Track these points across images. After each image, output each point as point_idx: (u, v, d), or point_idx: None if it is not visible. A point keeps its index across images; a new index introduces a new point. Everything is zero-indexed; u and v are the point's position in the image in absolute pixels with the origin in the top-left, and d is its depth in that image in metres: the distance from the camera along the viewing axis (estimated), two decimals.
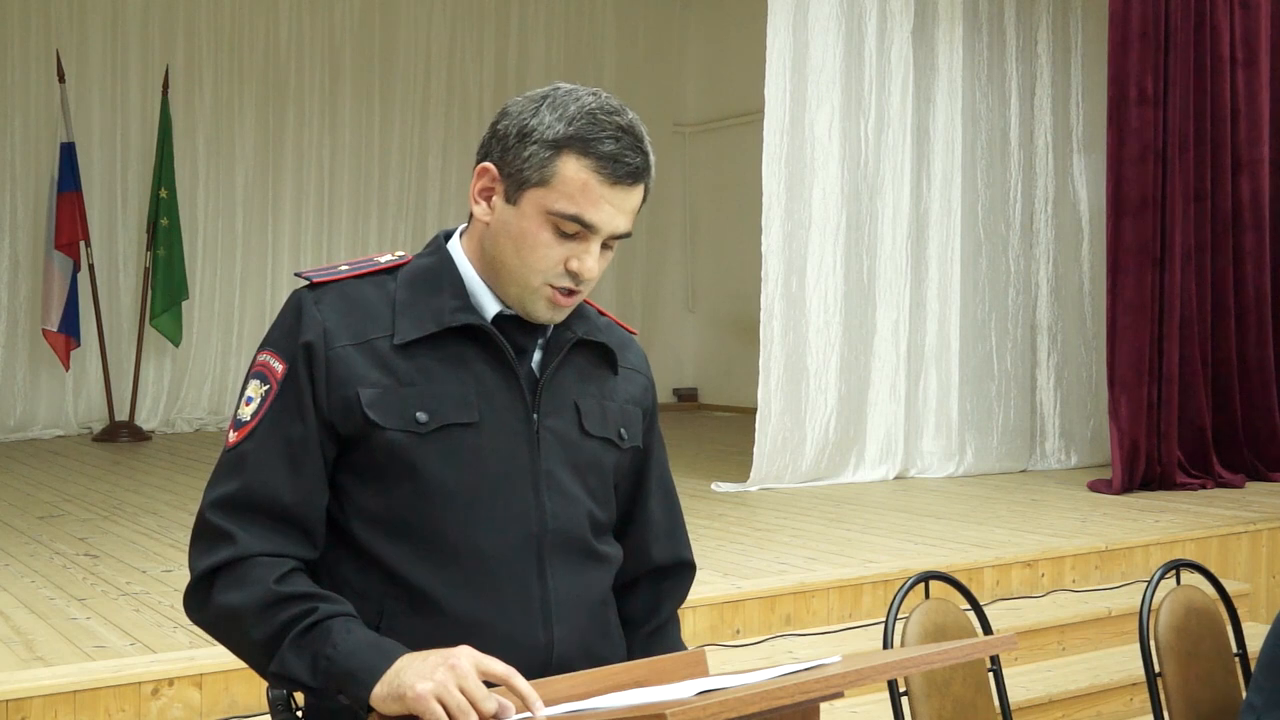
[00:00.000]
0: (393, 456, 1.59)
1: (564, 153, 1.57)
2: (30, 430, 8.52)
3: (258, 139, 9.43)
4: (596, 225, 1.59)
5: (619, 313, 10.85)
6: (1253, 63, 7.06)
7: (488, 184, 1.64)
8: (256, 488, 1.58)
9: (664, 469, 1.87)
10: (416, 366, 1.61)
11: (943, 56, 7.25)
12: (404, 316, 1.62)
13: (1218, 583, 3.02)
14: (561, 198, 1.57)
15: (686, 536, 1.91)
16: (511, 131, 1.61)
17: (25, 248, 8.60)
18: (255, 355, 1.67)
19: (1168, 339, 6.68)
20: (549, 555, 1.63)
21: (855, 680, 1.40)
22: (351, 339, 1.61)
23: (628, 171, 1.59)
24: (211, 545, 1.57)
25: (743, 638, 4.12)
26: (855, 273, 6.91)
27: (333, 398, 1.59)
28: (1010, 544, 5.02)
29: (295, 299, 1.65)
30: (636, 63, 11.05)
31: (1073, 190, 7.78)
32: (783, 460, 6.60)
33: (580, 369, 1.72)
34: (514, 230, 1.61)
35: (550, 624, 1.61)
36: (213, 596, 1.56)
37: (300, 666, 1.50)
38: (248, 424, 1.61)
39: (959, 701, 2.50)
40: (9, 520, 5.30)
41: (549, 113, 1.59)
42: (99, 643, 3.41)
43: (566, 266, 1.60)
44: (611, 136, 1.58)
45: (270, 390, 1.61)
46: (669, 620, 1.86)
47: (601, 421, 1.72)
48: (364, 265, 1.69)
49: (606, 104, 1.61)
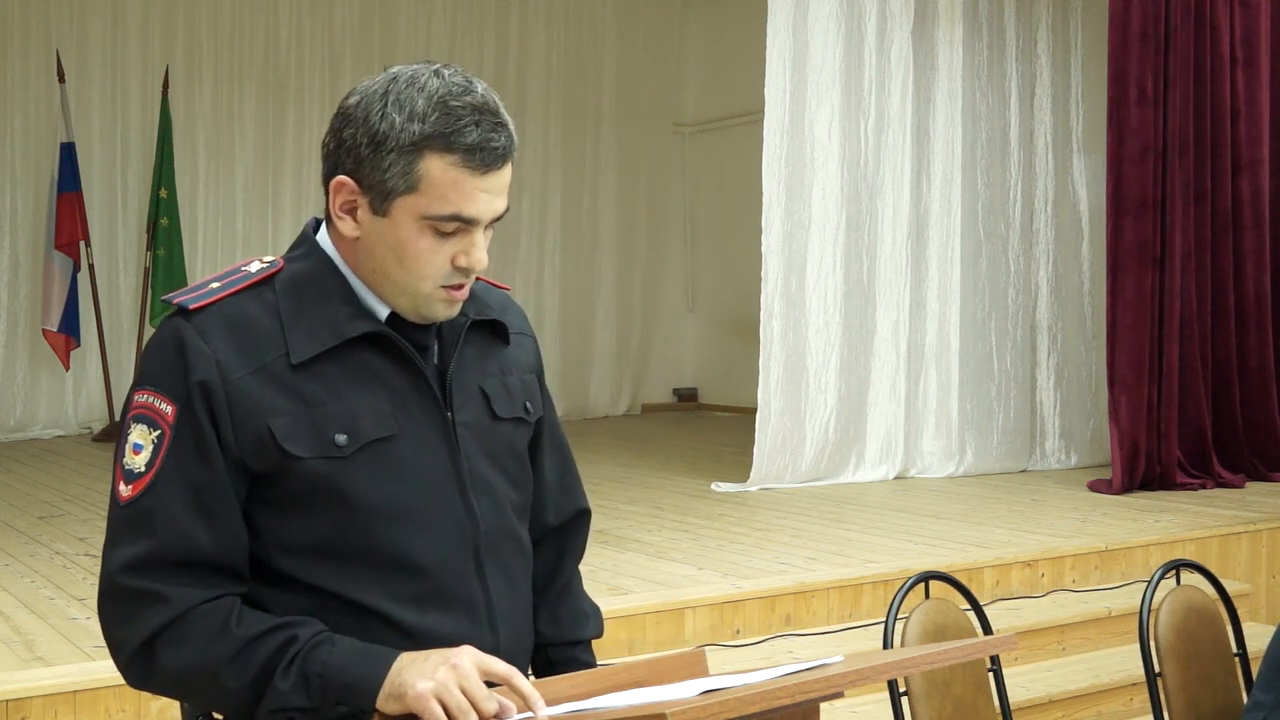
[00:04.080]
0: (315, 486, 1.50)
1: (425, 154, 1.48)
2: (30, 430, 8.53)
3: (258, 139, 9.43)
4: (476, 218, 1.51)
5: (619, 313, 10.94)
6: (1253, 63, 7.06)
7: (348, 198, 1.53)
8: (172, 544, 1.48)
9: (555, 427, 1.82)
10: (322, 385, 1.52)
11: (943, 56, 7.25)
12: (295, 331, 1.52)
13: (1218, 583, 3.02)
14: (435, 200, 1.49)
15: (580, 485, 1.86)
16: (362, 141, 1.50)
17: (25, 248, 8.60)
18: (131, 395, 1.55)
19: (1168, 339, 6.67)
20: (485, 556, 1.60)
21: (855, 680, 1.40)
22: (247, 367, 1.50)
23: (496, 155, 1.50)
24: (139, 611, 1.48)
25: (743, 638, 4.12)
26: (855, 273, 6.91)
27: (241, 434, 1.49)
28: (1010, 544, 5.02)
29: (172, 331, 1.52)
30: (636, 63, 11.05)
31: (1073, 190, 7.78)
32: (783, 460, 6.60)
33: (478, 350, 1.67)
34: (391, 242, 1.52)
35: (496, 626, 1.60)
36: (159, 662, 1.48)
37: (294, 694, 1.45)
38: (144, 476, 1.49)
39: (959, 701, 2.50)
40: (9, 520, 5.30)
41: (396, 112, 1.48)
42: (99, 643, 3.39)
43: (454, 265, 1.53)
44: (471, 123, 1.48)
45: (163, 435, 1.49)
46: (571, 579, 1.82)
47: (508, 402, 1.68)
48: (237, 280, 1.56)
49: (454, 84, 1.50)
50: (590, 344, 10.74)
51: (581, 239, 10.80)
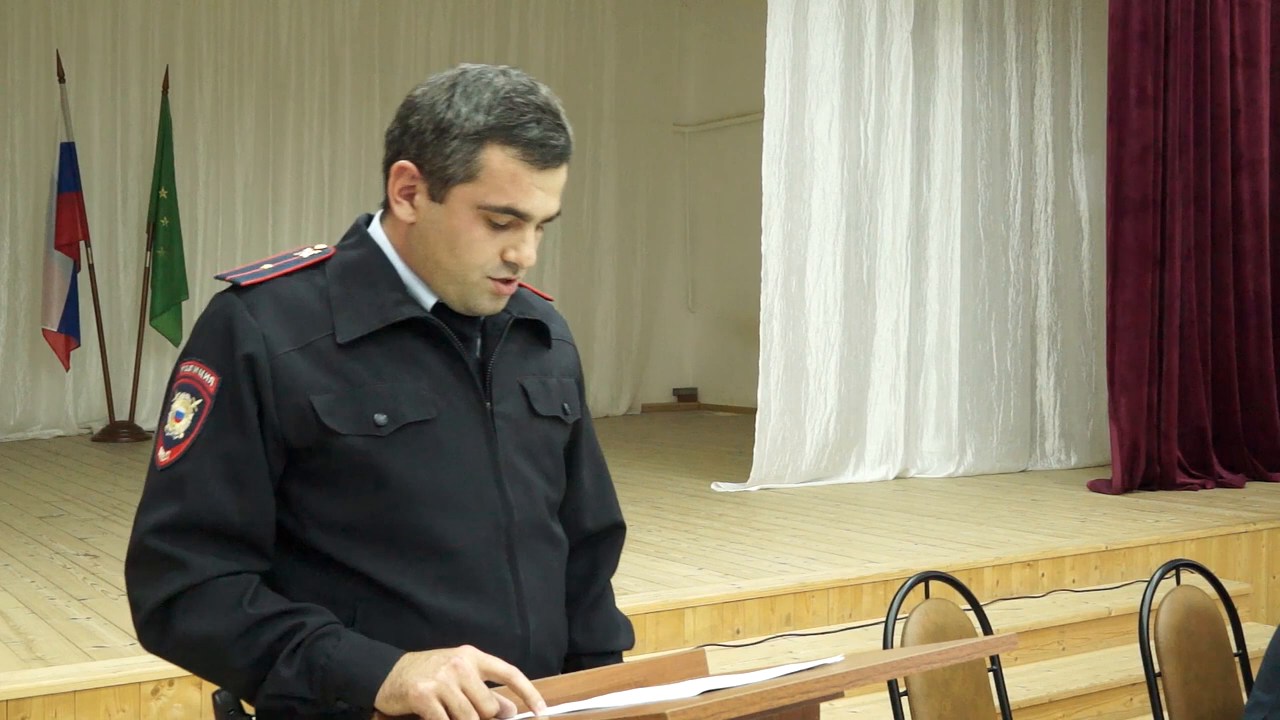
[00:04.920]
0: (354, 462, 1.53)
1: (487, 144, 1.53)
2: (30, 430, 8.53)
3: (258, 139, 9.43)
4: (530, 213, 1.56)
5: (619, 313, 10.94)
6: (1253, 63, 7.06)
7: (407, 183, 1.58)
8: (200, 509, 1.51)
9: (592, 437, 1.86)
10: (365, 366, 1.55)
11: (943, 56, 7.25)
12: (342, 313, 1.56)
13: (1218, 583, 3.02)
14: (491, 191, 1.53)
15: (616, 499, 1.89)
16: (426, 127, 1.55)
17: (25, 248, 8.60)
18: (178, 365, 1.58)
19: (1168, 339, 6.67)
20: (517, 546, 1.62)
21: (855, 680, 1.40)
22: (293, 343, 1.54)
23: (555, 154, 1.56)
24: (160, 574, 1.50)
25: (743, 638, 4.12)
26: (855, 272, 6.91)
27: (283, 408, 1.52)
28: (1010, 544, 5.02)
29: (222, 305, 1.57)
30: (636, 63, 11.05)
31: (1073, 190, 7.78)
32: (783, 460, 6.60)
33: (520, 348, 1.70)
34: (445, 229, 1.56)
35: (526, 616, 1.61)
36: (172, 626, 1.50)
37: (296, 683, 1.47)
38: (181, 442, 1.53)
39: (959, 701, 2.50)
40: (9, 520, 5.30)
41: (463, 103, 1.53)
42: (99, 643, 3.41)
43: (504, 258, 1.57)
44: (533, 120, 1.54)
45: (204, 405, 1.53)
46: (605, 590, 1.84)
47: (547, 400, 1.71)
48: (289, 262, 1.61)
49: (519, 84, 1.55)
50: (590, 344, 10.74)
51: (581, 239, 10.80)
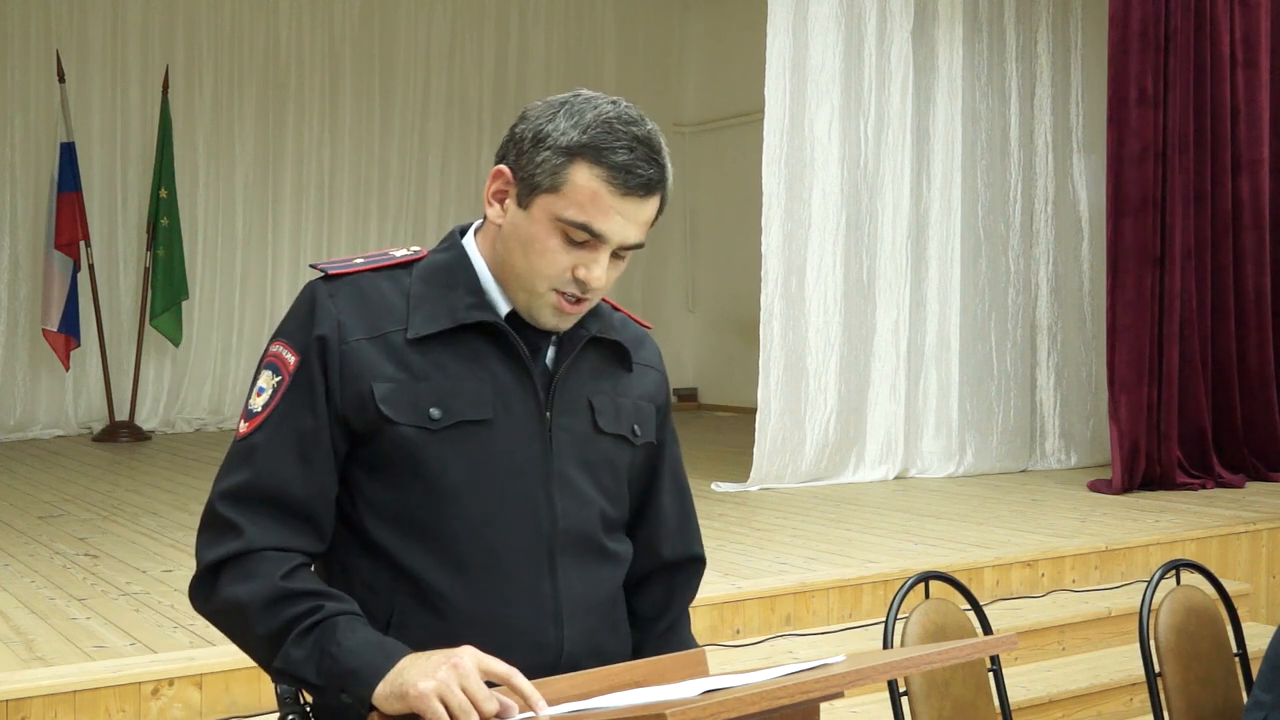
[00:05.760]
0: (404, 452, 1.58)
1: (576, 160, 1.56)
2: (30, 430, 8.52)
3: (258, 139, 9.43)
4: (605, 235, 1.58)
5: None
6: (1253, 63, 7.06)
7: (501, 186, 1.63)
8: (266, 480, 1.58)
9: (677, 464, 1.87)
10: (431, 362, 1.60)
11: (943, 56, 7.26)
12: (418, 311, 1.62)
13: (1218, 583, 3.02)
14: (571, 205, 1.57)
15: (698, 531, 1.92)
16: (527, 136, 1.60)
17: (25, 248, 8.60)
18: (268, 345, 1.66)
19: (1168, 339, 6.67)
20: (560, 554, 1.63)
21: (855, 680, 1.40)
22: (366, 333, 1.60)
23: (640, 183, 1.58)
24: (219, 537, 1.57)
25: (743, 638, 4.12)
26: (855, 272, 6.91)
27: (346, 392, 1.59)
28: (1010, 544, 5.02)
29: (310, 291, 1.65)
30: (636, 63, 11.05)
31: (1073, 190, 7.78)
32: (783, 460, 6.60)
33: (594, 366, 1.72)
34: (523, 234, 1.60)
35: (560, 622, 1.62)
36: (218, 589, 1.56)
37: (304, 664, 1.50)
38: (259, 415, 1.61)
39: (959, 701, 2.50)
40: (9, 520, 5.30)
41: (565, 119, 1.58)
42: (99, 643, 3.41)
43: (574, 274, 1.60)
44: (626, 147, 1.57)
45: (282, 382, 1.61)
46: (680, 617, 1.86)
47: (615, 418, 1.72)
48: (379, 259, 1.68)
49: (625, 113, 1.60)
50: None
51: None
